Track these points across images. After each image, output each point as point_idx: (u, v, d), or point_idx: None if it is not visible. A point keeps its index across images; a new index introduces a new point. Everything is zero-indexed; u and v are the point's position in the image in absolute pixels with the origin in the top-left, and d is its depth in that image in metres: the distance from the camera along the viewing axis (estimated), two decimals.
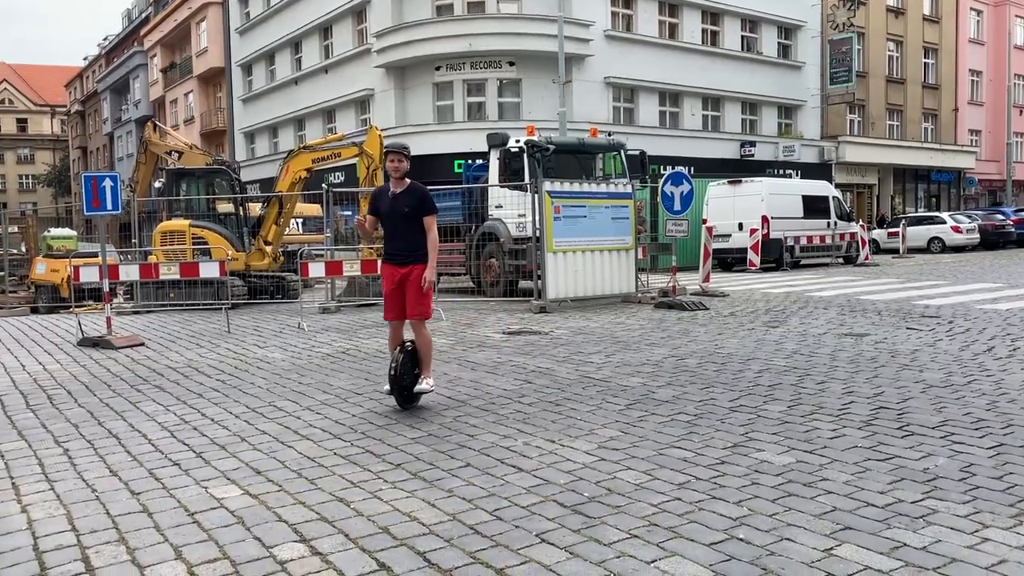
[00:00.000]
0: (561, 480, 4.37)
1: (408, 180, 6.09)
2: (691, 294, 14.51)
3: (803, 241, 23.53)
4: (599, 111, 30.80)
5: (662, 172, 16.73)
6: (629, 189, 14.31)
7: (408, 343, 6.11)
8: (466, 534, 3.64)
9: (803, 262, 24.39)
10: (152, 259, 14.39)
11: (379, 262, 6.36)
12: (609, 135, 18.96)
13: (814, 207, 23.96)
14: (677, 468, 4.55)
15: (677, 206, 14.14)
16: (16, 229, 25.20)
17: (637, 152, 16.33)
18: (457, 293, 16.84)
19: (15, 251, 22.57)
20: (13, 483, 4.52)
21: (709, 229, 16.36)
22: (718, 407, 6.02)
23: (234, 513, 3.97)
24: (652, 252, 16.37)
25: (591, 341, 9.57)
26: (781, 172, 34.66)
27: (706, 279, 15.86)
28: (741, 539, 3.55)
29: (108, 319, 10.53)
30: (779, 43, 37.51)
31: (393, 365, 5.98)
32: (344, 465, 4.74)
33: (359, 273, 13.78)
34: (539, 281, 13.12)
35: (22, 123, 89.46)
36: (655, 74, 32.49)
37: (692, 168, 28.01)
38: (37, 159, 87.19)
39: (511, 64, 29.84)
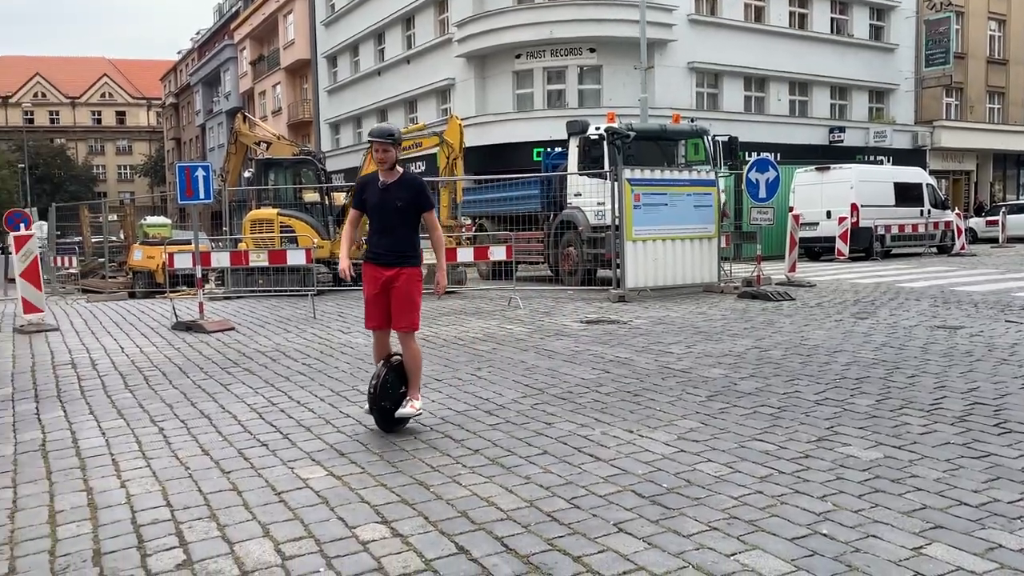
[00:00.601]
0: (639, 470, 4.34)
1: (400, 169, 5.31)
2: (776, 284, 14.18)
3: (894, 230, 22.68)
4: (682, 97, 30.32)
5: (747, 159, 16.35)
6: (712, 176, 14.05)
7: (395, 357, 5.29)
8: (544, 521, 3.65)
9: (894, 251, 23.52)
10: (242, 247, 14.88)
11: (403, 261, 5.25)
12: (692, 121, 18.63)
13: (907, 195, 23.04)
14: (759, 461, 4.47)
15: (762, 194, 13.82)
16: (115, 217, 26.35)
17: (725, 138, 15.98)
18: (535, 281, 16.86)
19: (114, 238, 23.62)
20: (113, 459, 4.75)
21: (796, 217, 15.93)
22: (803, 400, 5.88)
23: (319, 493, 4.08)
24: (736, 241, 16.03)
25: (671, 331, 9.45)
26: (872, 158, 33.47)
27: (792, 268, 15.46)
28: (825, 535, 3.46)
29: (200, 304, 10.94)
30: (871, 25, 36.17)
31: (373, 382, 5.14)
32: (424, 449, 4.82)
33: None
34: (618, 270, 13.02)
35: (121, 116, 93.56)
36: (740, 58, 31.76)
37: (778, 155, 27.30)
38: (135, 150, 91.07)
39: (592, 51, 29.61)
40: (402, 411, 5.14)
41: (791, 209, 16.96)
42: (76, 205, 28.46)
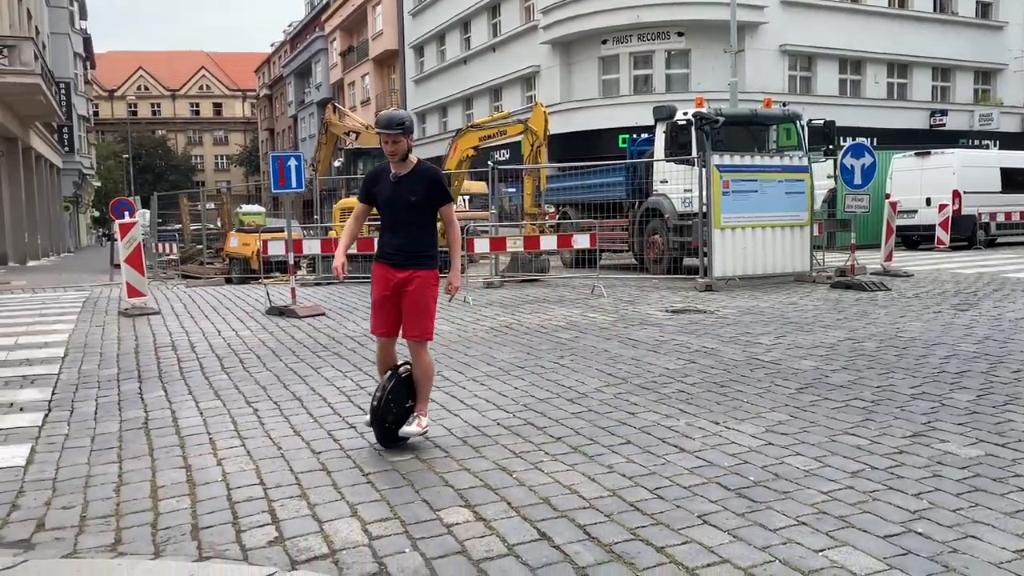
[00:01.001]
0: (725, 463, 4.27)
1: (415, 159, 4.68)
2: (871, 273, 13.68)
3: (1000, 218, 21.56)
4: (773, 81, 29.49)
5: (842, 144, 15.80)
6: (805, 162, 13.65)
7: (403, 367, 4.70)
8: (626, 510, 3.63)
9: (999, 240, 22.38)
10: (332, 234, 15.23)
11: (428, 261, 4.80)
12: (784, 105, 18.10)
13: (1015, 180, 21.84)
14: (850, 456, 4.33)
15: (858, 180, 13.34)
16: (213, 205, 27.35)
17: (821, 122, 15.48)
18: (619, 270, 16.73)
19: (211, 226, 24.53)
20: (210, 438, 4.95)
21: (893, 204, 15.32)
22: (898, 394, 5.66)
23: (404, 475, 4.16)
24: (829, 229, 15.53)
25: (760, 321, 9.24)
26: (977, 143, 31.87)
27: (888, 258, 14.89)
28: (920, 533, 3.33)
29: (293, 290, 11.27)
30: (977, 2, 34.34)
31: (378, 394, 4.56)
32: (506, 435, 4.85)
33: (522, 249, 13.98)
34: (705, 258, 12.79)
35: (218, 107, 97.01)
36: (835, 40, 30.66)
37: (875, 139, 26.31)
38: (231, 140, 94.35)
39: (680, 34, 29.08)
40: (407, 429, 4.56)
41: (888, 196, 16.28)
42: (176, 194, 29.67)
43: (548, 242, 14.17)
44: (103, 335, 9.27)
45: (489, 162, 15.18)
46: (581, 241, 13.82)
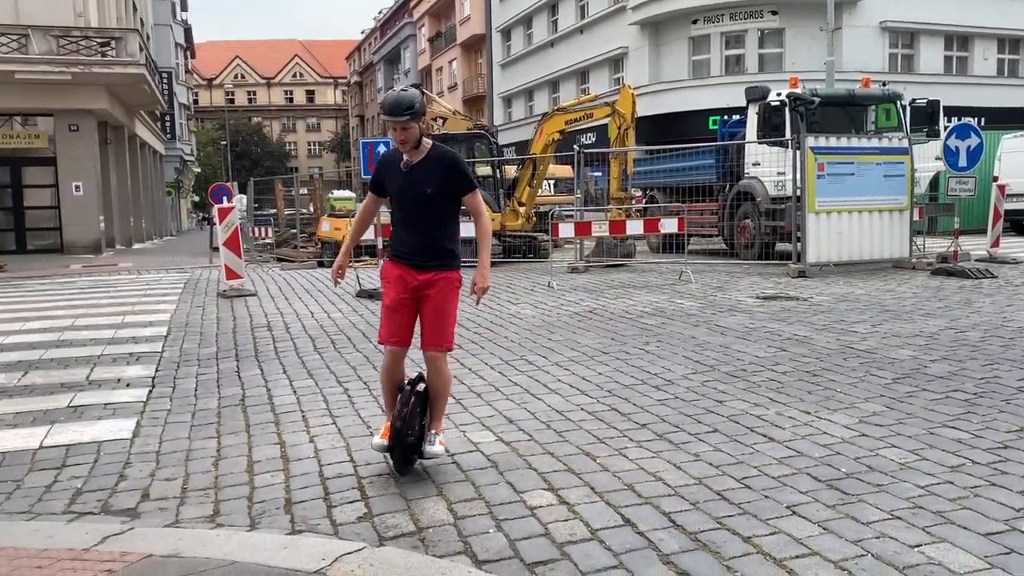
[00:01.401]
0: (816, 453, 4.15)
1: (428, 142, 3.96)
2: (976, 260, 13.05)
3: None
4: (873, 59, 28.32)
5: (947, 124, 15.07)
6: (905, 144, 13.09)
7: (418, 382, 4.06)
8: (712, 499, 3.58)
9: None
10: None
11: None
12: (884, 85, 17.38)
13: None
14: (950, 450, 4.16)
15: (962, 162, 12.73)
16: (305, 191, 28.10)
17: (924, 102, 14.81)
18: (708, 255, 16.43)
19: (304, 211, 25.21)
20: (303, 416, 5.11)
21: (1001, 188, 14.55)
22: (1003, 386, 5.40)
23: (488, 457, 4.20)
24: (931, 213, 14.88)
25: (855, 309, 8.94)
26: None
27: (995, 244, 14.17)
28: None
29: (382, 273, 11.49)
30: None
31: (403, 411, 3.90)
32: (590, 421, 4.84)
33: (607, 234, 13.88)
34: (798, 243, 12.45)
35: (310, 94, 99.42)
36: (940, 15, 29.21)
37: (982, 119, 24.96)
38: (322, 127, 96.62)
39: (773, 13, 28.24)
40: (432, 449, 3.98)
41: (996, 179, 15.47)
42: (271, 179, 30.62)
43: (634, 226, 14.04)
44: (203, 315, 9.66)
45: (575, 146, 15.10)
46: (669, 225, 13.63)
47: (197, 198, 67.71)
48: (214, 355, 7.21)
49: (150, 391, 5.89)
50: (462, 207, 4.05)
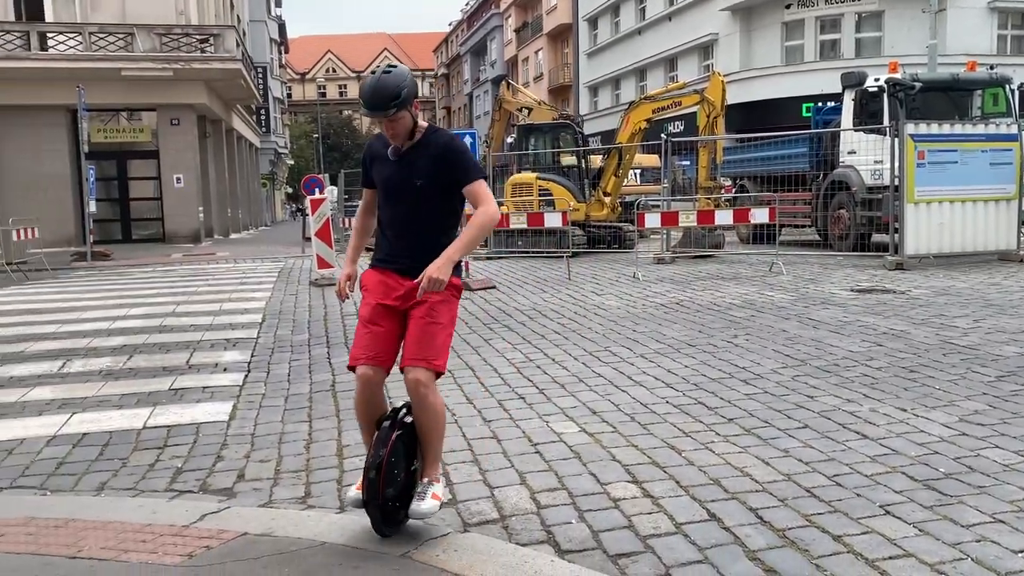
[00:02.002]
0: (912, 452, 4.00)
1: (424, 126, 3.21)
2: None
3: None
4: (980, 41, 26.94)
5: None
6: (1014, 130, 12.43)
7: (401, 414, 3.22)
8: (801, 496, 3.50)
9: None
10: (503, 210, 15.51)
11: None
12: (991, 68, 16.52)
13: None
14: None
15: None
16: None
17: None
18: (800, 246, 15.98)
19: None
20: (391, 402, 5.20)
21: None
22: None
23: (572, 448, 4.20)
24: None
25: (956, 303, 8.56)
26: None
27: None
28: None
29: (466, 263, 11.61)
30: None
31: (379, 453, 3.02)
32: (676, 414, 4.78)
33: (695, 224, 13.66)
34: (896, 235, 11.98)
35: None
36: None
37: None
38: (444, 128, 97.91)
39: None
40: (421, 507, 3.09)
41: None
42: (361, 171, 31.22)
43: (723, 216, 13.76)
44: (296, 303, 9.96)
45: (662, 135, 14.89)
46: (759, 216, 13.32)
47: (290, 189, 69.73)
48: (306, 342, 7.42)
49: (246, 376, 6.11)
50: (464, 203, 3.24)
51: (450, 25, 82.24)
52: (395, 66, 3.14)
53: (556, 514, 3.38)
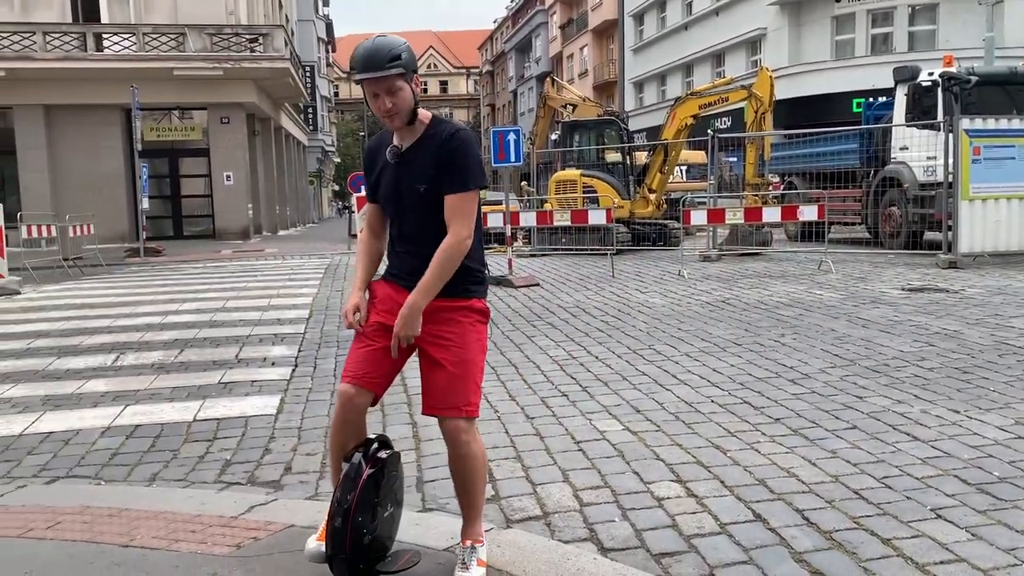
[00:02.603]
0: (965, 455, 3.91)
1: (427, 115, 2.70)
2: None
3: None
4: None
5: None
6: None
7: (373, 448, 2.67)
8: (849, 498, 3.44)
9: None
10: (547, 207, 15.51)
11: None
12: None
13: None
14: None
15: None
16: None
17: None
18: (850, 244, 15.70)
19: None
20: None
21: None
22: None
23: (615, 446, 4.19)
24: None
25: (1013, 303, 8.33)
26: None
27: None
28: None
29: (510, 260, 11.63)
30: None
31: (341, 504, 2.53)
32: (721, 413, 4.73)
33: (742, 221, 13.50)
34: (949, 232, 11.70)
35: (443, 84, 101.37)
36: None
37: None
38: (455, 116, 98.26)
39: None
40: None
41: None
42: None
43: (771, 214, 13.57)
44: (342, 299, 10.08)
45: (709, 130, 14.75)
46: (808, 213, 13.12)
47: (337, 187, 70.55)
48: (351, 337, 7.49)
49: (293, 370, 6.20)
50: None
51: (495, 23, 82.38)
52: (385, 35, 2.64)
53: (599, 512, 3.37)
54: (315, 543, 2.70)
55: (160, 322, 8.57)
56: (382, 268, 2.89)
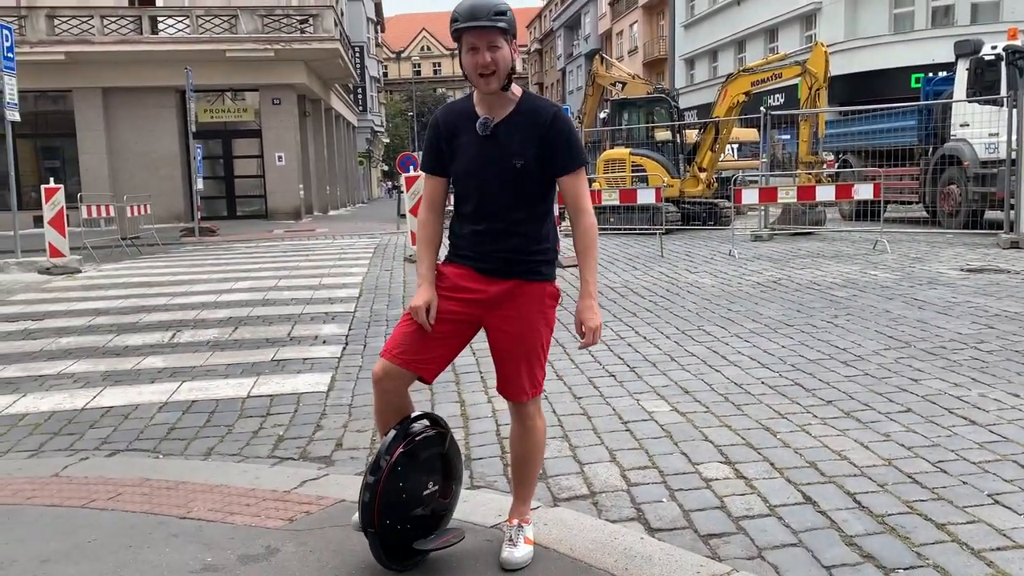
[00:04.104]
0: None
1: (519, 90, 2.64)
2: None
3: None
4: None
5: None
6: None
7: (411, 424, 2.66)
8: (902, 482, 3.38)
9: None
10: (595, 186, 15.39)
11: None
12: None
13: None
14: None
15: None
16: None
17: None
18: (906, 223, 15.32)
19: None
20: (481, 376, 5.28)
21: None
22: None
23: (663, 427, 4.17)
24: None
25: None
26: None
27: None
28: None
29: (558, 243, 11.59)
30: None
31: (373, 478, 2.50)
32: (771, 395, 4.68)
33: (795, 200, 13.25)
34: (1011, 211, 11.34)
35: None
36: None
37: None
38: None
39: None
40: (515, 555, 2.63)
41: None
42: None
43: (825, 192, 13.30)
44: (391, 279, 10.18)
45: (762, 108, 14.47)
46: (863, 191, 12.83)
47: (386, 167, 70.99)
48: (400, 316, 7.57)
49: (344, 348, 6.29)
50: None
51: (544, 0, 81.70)
52: None
53: (646, 492, 3.37)
54: (356, 517, 2.69)
55: (215, 300, 8.75)
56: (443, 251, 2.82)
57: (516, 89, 2.63)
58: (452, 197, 2.77)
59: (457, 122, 2.66)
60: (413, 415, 2.70)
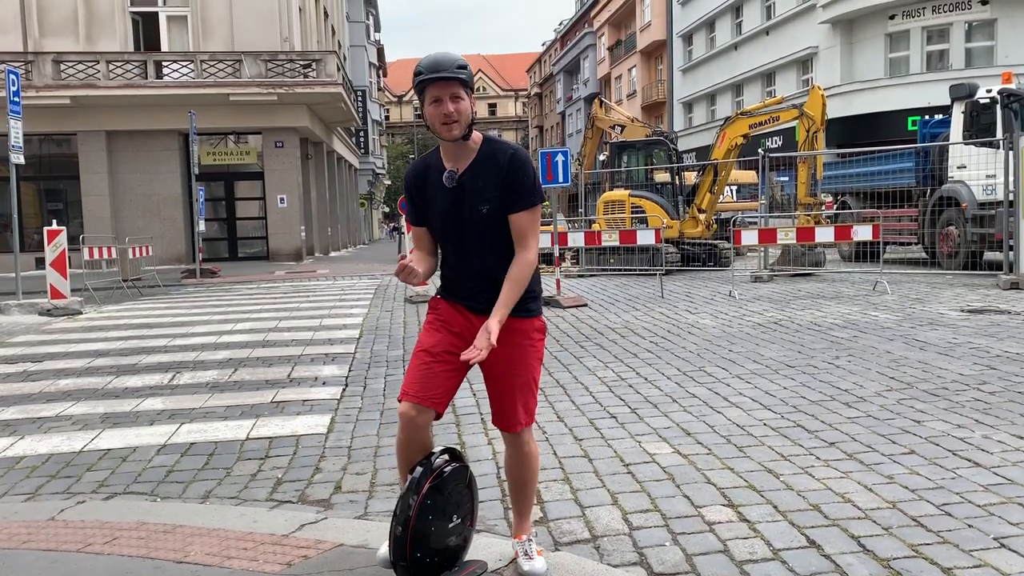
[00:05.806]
0: None
1: (477, 137, 2.77)
2: None
3: None
4: None
5: None
6: None
7: (436, 458, 2.76)
8: (907, 525, 3.34)
9: None
10: (595, 227, 15.49)
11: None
12: None
13: None
14: None
15: None
16: None
17: None
18: (906, 264, 15.35)
19: None
20: (482, 418, 5.25)
21: None
22: None
23: (665, 469, 4.14)
24: None
25: None
26: None
27: None
28: None
29: (558, 281, 11.62)
30: None
31: (403, 511, 2.64)
32: (774, 437, 4.65)
33: (794, 241, 13.30)
34: (1011, 252, 11.37)
35: (492, 107, 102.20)
36: None
37: None
38: (503, 138, 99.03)
39: (983, 3, 26.00)
40: (535, 567, 2.82)
41: None
42: None
43: (824, 234, 13.36)
44: (391, 319, 10.17)
45: (760, 150, 14.61)
46: (862, 233, 12.88)
47: (387, 209, 71.38)
48: (401, 357, 7.56)
49: (343, 390, 6.26)
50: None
51: (543, 45, 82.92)
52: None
53: (649, 536, 3.33)
54: (385, 549, 2.82)
55: (215, 342, 8.74)
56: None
57: (476, 136, 2.77)
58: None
59: (426, 174, 2.83)
60: (436, 450, 2.82)
